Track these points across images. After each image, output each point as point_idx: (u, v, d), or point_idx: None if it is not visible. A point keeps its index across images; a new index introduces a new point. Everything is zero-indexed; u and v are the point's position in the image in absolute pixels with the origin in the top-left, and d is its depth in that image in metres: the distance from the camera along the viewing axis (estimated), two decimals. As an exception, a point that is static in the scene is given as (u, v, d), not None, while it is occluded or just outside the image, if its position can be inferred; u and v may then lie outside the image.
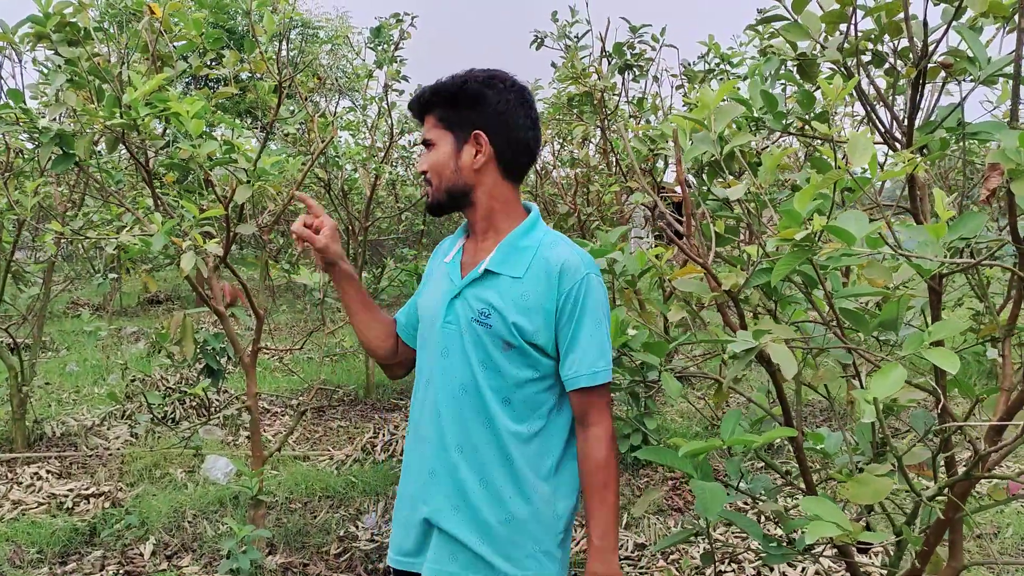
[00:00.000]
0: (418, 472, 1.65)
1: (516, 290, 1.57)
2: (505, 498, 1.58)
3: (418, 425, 1.67)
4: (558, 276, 1.55)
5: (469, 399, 1.58)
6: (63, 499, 3.84)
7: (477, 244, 1.68)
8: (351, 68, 8.57)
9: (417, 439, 1.68)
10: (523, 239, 1.62)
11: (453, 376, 1.60)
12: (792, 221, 1.36)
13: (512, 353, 1.56)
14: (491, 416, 1.57)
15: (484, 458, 1.58)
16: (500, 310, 1.56)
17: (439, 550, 1.59)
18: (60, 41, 2.82)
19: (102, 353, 7.39)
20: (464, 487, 1.58)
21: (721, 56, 3.95)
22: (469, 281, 1.61)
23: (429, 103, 1.63)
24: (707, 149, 1.49)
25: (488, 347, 1.56)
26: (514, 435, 1.58)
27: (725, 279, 1.54)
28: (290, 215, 7.44)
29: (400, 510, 1.72)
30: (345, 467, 4.50)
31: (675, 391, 1.55)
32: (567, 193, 4.77)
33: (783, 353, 1.35)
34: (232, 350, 4.49)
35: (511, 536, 1.57)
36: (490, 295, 1.58)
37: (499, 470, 1.58)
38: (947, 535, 1.63)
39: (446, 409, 1.60)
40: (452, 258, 1.69)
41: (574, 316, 1.55)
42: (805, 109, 1.82)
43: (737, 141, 1.49)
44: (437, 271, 1.74)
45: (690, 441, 1.47)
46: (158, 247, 2.75)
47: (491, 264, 1.60)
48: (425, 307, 1.71)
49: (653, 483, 4.32)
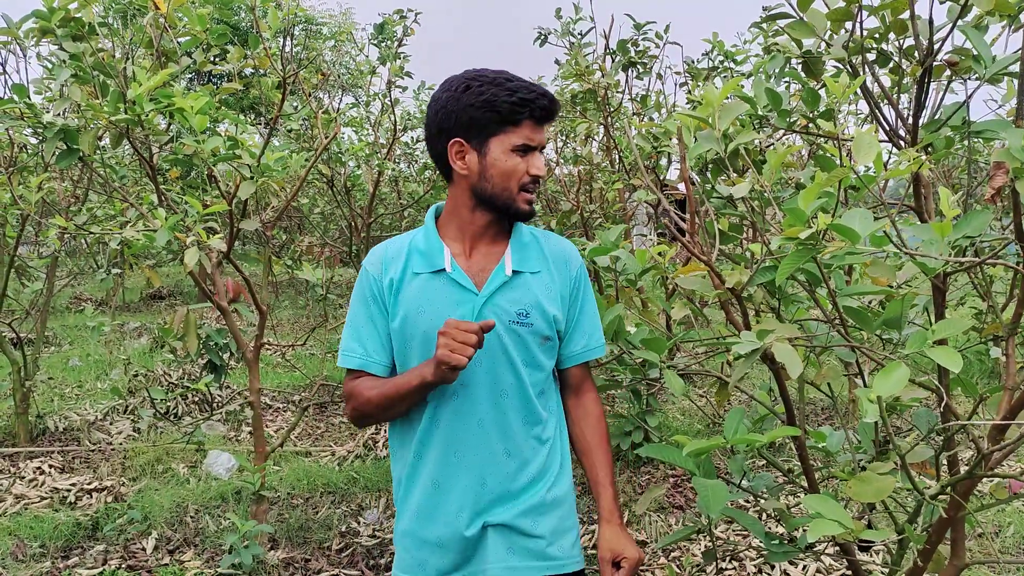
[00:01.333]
0: (466, 486, 1.59)
1: (540, 284, 1.62)
2: (551, 481, 1.65)
3: (451, 441, 1.59)
4: (566, 264, 1.67)
5: (511, 401, 1.59)
6: (65, 493, 3.85)
7: (482, 248, 1.63)
8: (354, 64, 8.56)
9: (450, 455, 1.59)
10: (524, 236, 1.66)
11: (492, 383, 1.58)
12: (796, 219, 1.36)
13: (547, 346, 1.62)
14: (532, 411, 1.61)
15: (532, 453, 1.62)
16: (536, 306, 1.59)
17: (496, 549, 1.60)
18: (65, 36, 2.82)
19: (105, 348, 7.41)
20: (519, 489, 1.61)
21: (725, 54, 3.94)
22: (499, 285, 1.58)
23: (554, 113, 1.59)
24: (711, 147, 1.49)
25: (530, 345, 1.59)
26: (549, 421, 1.66)
27: (729, 277, 1.54)
28: (293, 211, 7.46)
29: (425, 530, 1.62)
30: (347, 463, 4.51)
31: (679, 389, 1.55)
32: (570, 190, 4.77)
33: (788, 353, 1.35)
34: (235, 346, 4.50)
35: (561, 513, 1.65)
36: (521, 295, 1.59)
37: (544, 460, 1.64)
38: (949, 534, 1.63)
39: (488, 416, 1.58)
40: (452, 268, 1.59)
41: (578, 298, 1.67)
42: (810, 107, 1.82)
43: (741, 139, 1.49)
44: (428, 286, 1.59)
45: (693, 439, 1.47)
46: (162, 242, 2.75)
47: (516, 264, 1.61)
48: (434, 327, 1.54)
49: (654, 480, 4.33)
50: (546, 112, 1.54)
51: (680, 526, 3.69)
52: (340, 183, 5.54)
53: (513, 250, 1.62)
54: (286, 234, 8.99)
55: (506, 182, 1.55)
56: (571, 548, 1.65)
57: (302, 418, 4.96)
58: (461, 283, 1.58)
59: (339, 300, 5.42)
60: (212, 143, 2.78)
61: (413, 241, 1.66)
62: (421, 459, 1.63)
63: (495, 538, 1.59)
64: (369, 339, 1.62)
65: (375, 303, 1.62)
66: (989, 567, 3.13)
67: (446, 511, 1.60)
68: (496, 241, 1.64)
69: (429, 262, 1.60)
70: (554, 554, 1.61)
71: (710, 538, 1.70)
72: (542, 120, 1.55)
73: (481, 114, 1.51)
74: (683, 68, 4.17)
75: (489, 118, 1.51)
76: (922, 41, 1.53)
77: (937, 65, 1.61)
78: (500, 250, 1.63)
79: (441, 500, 1.60)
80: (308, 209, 6.83)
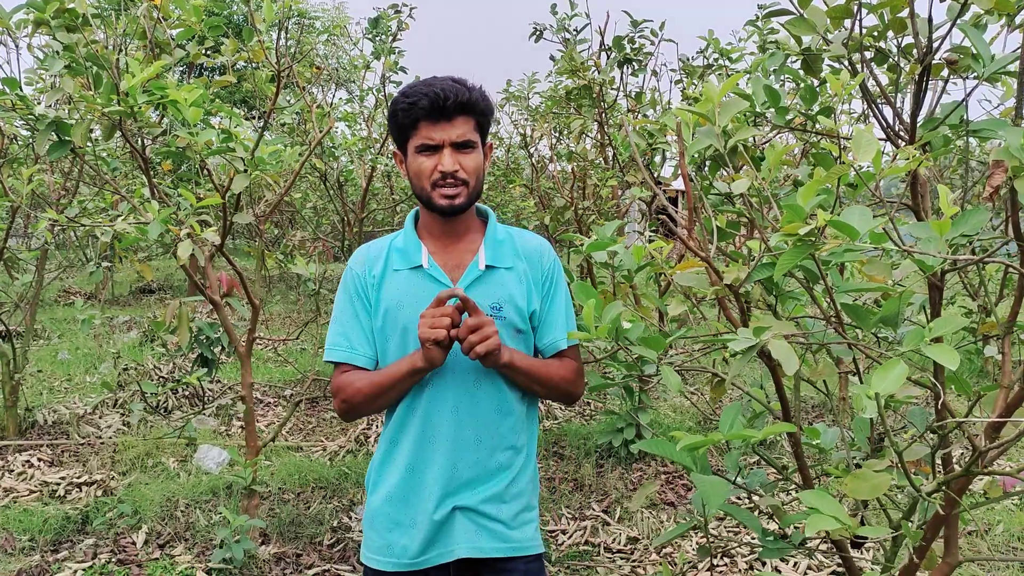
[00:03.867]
0: (438, 471, 1.65)
1: (512, 279, 1.70)
2: (516, 470, 1.72)
3: (426, 428, 1.66)
4: (539, 259, 1.75)
5: (484, 391, 1.66)
6: (55, 487, 3.83)
7: (456, 244, 1.71)
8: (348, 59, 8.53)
9: (425, 441, 1.66)
10: (499, 233, 1.74)
11: (467, 373, 1.65)
12: (795, 216, 1.36)
13: (520, 337, 1.69)
14: (505, 401, 1.68)
15: (501, 441, 1.68)
16: (509, 300, 1.67)
17: (465, 531, 1.66)
18: (58, 27, 2.80)
19: (94, 342, 7.36)
20: (487, 475, 1.68)
21: (720, 51, 3.94)
22: (473, 279, 1.68)
23: (472, 105, 1.60)
24: (711, 143, 1.48)
25: (504, 337, 1.64)
26: (520, 412, 1.72)
27: (727, 273, 1.54)
28: (285, 206, 7.42)
29: (398, 513, 1.68)
30: (338, 458, 4.50)
31: (675, 385, 1.55)
32: (564, 187, 4.77)
33: (784, 350, 1.35)
34: (227, 340, 4.48)
35: (523, 502, 1.73)
36: (495, 289, 1.68)
37: (514, 446, 1.71)
38: (941, 532, 1.64)
39: (463, 404, 1.65)
40: (429, 264, 1.67)
41: (550, 291, 1.75)
42: (807, 104, 1.83)
43: (741, 135, 1.48)
44: (406, 281, 1.67)
45: (688, 435, 1.47)
46: (154, 235, 2.74)
47: (489, 260, 1.70)
48: (413, 319, 1.63)
49: (646, 477, 4.34)
50: (432, 109, 1.56)
51: (672, 523, 3.70)
52: (333, 178, 5.52)
53: (487, 246, 1.70)
54: (278, 229, 8.95)
55: (419, 181, 1.63)
56: (532, 533, 1.73)
57: (294, 413, 4.94)
58: (437, 278, 1.67)
59: (331, 295, 5.41)
60: (205, 136, 2.77)
61: (393, 242, 1.75)
62: (397, 445, 1.70)
63: (463, 520, 1.67)
64: (354, 333, 1.71)
65: (359, 300, 1.71)
66: (979, 565, 3.15)
67: (419, 494, 1.67)
68: (470, 237, 1.73)
69: (407, 259, 1.69)
70: (516, 538, 1.69)
71: (706, 534, 1.70)
72: (433, 117, 1.57)
73: (392, 124, 1.65)
74: (678, 66, 4.17)
75: (396, 126, 1.63)
76: (921, 39, 1.54)
77: (936, 64, 1.62)
78: (475, 247, 1.72)
79: (414, 483, 1.68)
80: (300, 204, 6.80)
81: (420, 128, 1.59)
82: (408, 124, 1.59)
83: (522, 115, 5.92)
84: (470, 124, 1.61)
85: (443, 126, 1.58)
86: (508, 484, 1.69)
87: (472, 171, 1.62)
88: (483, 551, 1.67)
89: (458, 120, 1.58)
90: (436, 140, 1.59)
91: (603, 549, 3.46)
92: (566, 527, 3.66)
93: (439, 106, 1.56)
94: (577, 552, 3.43)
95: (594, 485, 4.15)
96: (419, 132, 1.59)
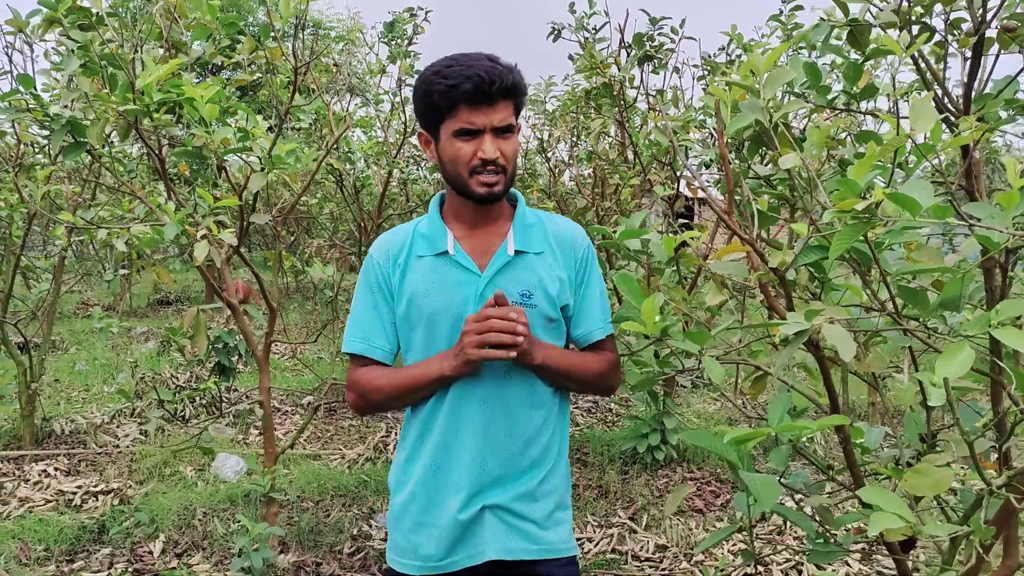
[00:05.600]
0: (465, 468, 1.57)
1: (543, 264, 1.62)
2: (548, 467, 1.63)
3: (453, 422, 1.57)
4: (572, 245, 1.65)
5: (515, 384, 1.58)
6: (71, 496, 3.77)
7: (484, 229, 1.63)
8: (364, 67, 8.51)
9: (452, 436, 1.58)
10: (528, 217, 1.66)
11: (497, 365, 1.57)
12: (850, 192, 1.28)
13: (552, 327, 1.61)
14: (536, 394, 1.61)
15: (533, 436, 1.61)
16: (540, 287, 1.59)
17: (495, 531, 1.59)
18: (72, 25, 2.76)
19: (112, 352, 7.34)
20: (518, 471, 1.60)
21: (743, 46, 3.86)
22: (501, 265, 1.59)
23: (515, 88, 1.50)
24: (756, 117, 1.40)
25: (535, 326, 1.58)
26: (552, 405, 1.64)
27: (772, 257, 1.46)
28: (301, 214, 7.39)
29: (423, 513, 1.60)
30: (357, 466, 4.42)
31: (718, 375, 1.46)
32: (585, 188, 4.69)
33: (840, 334, 1.26)
34: (244, 346, 4.43)
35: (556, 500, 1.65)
36: (525, 275, 1.59)
37: (544, 444, 1.63)
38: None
39: (493, 398, 1.58)
40: (455, 250, 1.59)
41: (585, 279, 1.66)
42: (850, 83, 1.74)
43: (789, 108, 1.40)
44: (431, 268, 1.59)
45: (733, 428, 1.39)
46: (171, 236, 2.69)
47: (518, 245, 1.61)
48: (439, 308, 1.56)
49: (672, 483, 4.23)
50: (476, 93, 1.46)
51: (701, 530, 3.59)
52: (349, 183, 5.47)
53: (516, 231, 1.62)
54: (293, 236, 8.92)
55: (455, 168, 1.54)
56: (566, 535, 1.65)
57: (311, 420, 4.88)
58: (464, 264, 1.59)
59: (347, 305, 5.35)
60: (222, 134, 2.71)
61: (418, 228, 1.66)
62: (423, 441, 1.62)
63: (492, 520, 1.58)
64: (372, 326, 1.63)
65: (380, 291, 1.63)
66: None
67: (445, 493, 1.59)
68: (499, 223, 1.65)
69: (432, 245, 1.61)
70: (549, 539, 1.61)
71: (750, 537, 1.60)
72: (475, 101, 1.47)
73: (424, 105, 1.53)
74: (700, 62, 4.09)
75: (430, 107, 1.52)
76: (976, 8, 1.45)
77: (987, 38, 1.53)
78: (503, 232, 1.63)
79: (440, 481, 1.59)
80: (317, 210, 6.76)
81: (459, 112, 1.48)
82: (445, 107, 1.49)
83: (539, 119, 5.86)
84: (510, 107, 1.51)
85: (485, 111, 1.48)
86: (540, 481, 1.61)
87: (511, 156, 1.54)
88: (513, 552, 1.58)
89: (500, 104, 1.49)
90: (478, 124, 1.49)
91: (631, 557, 3.36)
92: (592, 535, 3.56)
93: (484, 90, 1.45)
94: (604, 560, 3.33)
95: (619, 492, 4.05)
96: (458, 116, 1.49)
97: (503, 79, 1.46)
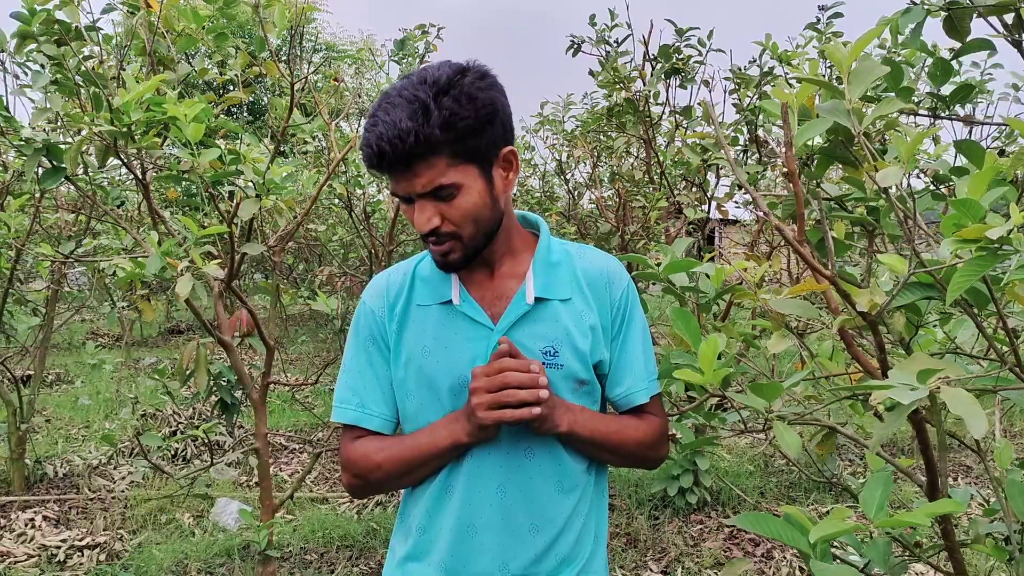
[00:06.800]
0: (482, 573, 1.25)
1: (570, 313, 1.28)
2: (582, 562, 1.32)
3: (465, 515, 1.25)
4: (607, 285, 1.32)
5: (538, 463, 1.26)
6: (55, 551, 3.48)
7: (492, 273, 1.30)
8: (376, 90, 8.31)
9: (464, 533, 1.25)
10: (552, 254, 1.32)
11: (516, 441, 1.24)
12: (969, 215, 0.98)
13: (584, 391, 1.28)
14: (566, 474, 1.28)
15: (562, 528, 1.28)
16: (567, 341, 1.25)
17: None
18: (46, 40, 2.51)
19: (116, 384, 7.10)
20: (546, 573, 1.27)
21: (779, 57, 3.57)
22: (518, 317, 1.25)
23: (435, 143, 1.10)
24: (839, 121, 1.10)
25: (561, 392, 1.25)
26: (586, 484, 1.32)
27: (858, 297, 1.15)
28: (312, 241, 7.15)
29: None
30: (366, 511, 4.11)
31: (794, 448, 1.15)
32: (609, 211, 4.40)
33: (966, 402, 0.95)
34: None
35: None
36: (547, 328, 1.25)
37: (577, 535, 1.30)
38: None
39: (512, 482, 1.25)
40: (461, 298, 1.27)
41: (623, 328, 1.32)
42: (937, 83, 1.44)
43: (884, 108, 1.10)
44: (434, 321, 1.27)
45: (797, 509, 1.09)
46: (153, 270, 2.41)
47: (539, 290, 1.27)
48: (442, 373, 1.25)
49: (707, 530, 3.89)
50: (380, 163, 1.12)
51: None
52: (359, 208, 5.21)
53: (537, 272, 1.28)
54: (303, 264, 8.68)
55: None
56: None
57: (316, 463, 4.58)
58: (472, 316, 1.26)
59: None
60: (209, 156, 2.44)
61: (419, 267, 1.34)
62: (427, 535, 1.28)
63: None
64: (367, 388, 1.30)
65: (374, 344, 1.31)
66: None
67: None
68: (517, 259, 1.32)
69: (435, 292, 1.29)
70: None
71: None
72: (386, 169, 1.13)
73: None
74: (731, 74, 3.80)
75: None
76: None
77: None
78: (521, 271, 1.30)
79: None
80: (327, 237, 6.51)
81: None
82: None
83: (557, 139, 5.59)
84: (441, 163, 1.12)
85: (401, 177, 1.14)
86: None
87: (460, 219, 1.17)
88: None
89: (419, 166, 1.12)
90: (401, 192, 1.17)
91: (666, 619, 3.03)
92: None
93: (387, 160, 1.11)
94: (636, 623, 2.99)
95: (650, 540, 3.72)
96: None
97: (403, 141, 1.08)
